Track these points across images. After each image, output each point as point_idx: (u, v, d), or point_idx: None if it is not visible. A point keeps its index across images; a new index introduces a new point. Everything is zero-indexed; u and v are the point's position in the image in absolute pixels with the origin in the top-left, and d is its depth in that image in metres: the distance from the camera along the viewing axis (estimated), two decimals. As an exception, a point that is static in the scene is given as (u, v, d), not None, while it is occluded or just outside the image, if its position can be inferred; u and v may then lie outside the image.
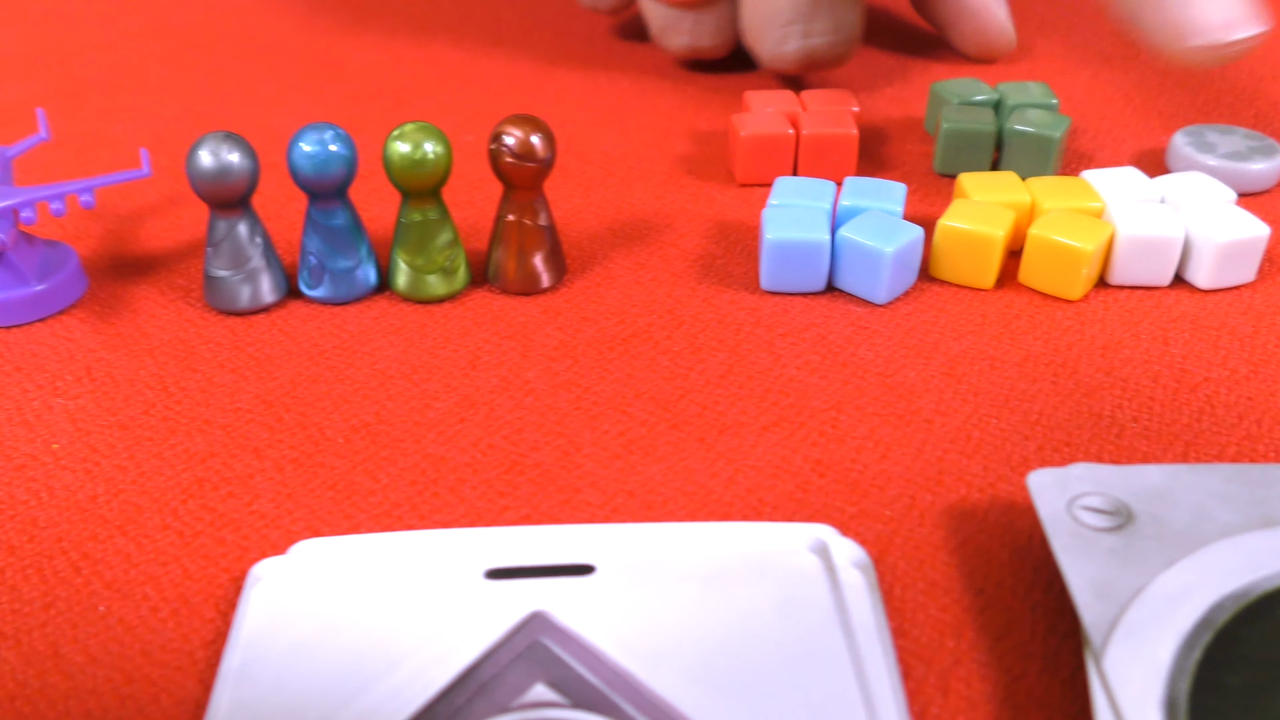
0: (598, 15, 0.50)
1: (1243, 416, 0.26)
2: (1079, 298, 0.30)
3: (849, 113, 0.36)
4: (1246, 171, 0.35)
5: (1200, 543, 0.21)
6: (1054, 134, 0.35)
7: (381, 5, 0.52)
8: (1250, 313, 0.30)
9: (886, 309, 0.30)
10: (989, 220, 0.30)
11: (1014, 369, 0.28)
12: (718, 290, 0.31)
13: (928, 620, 0.21)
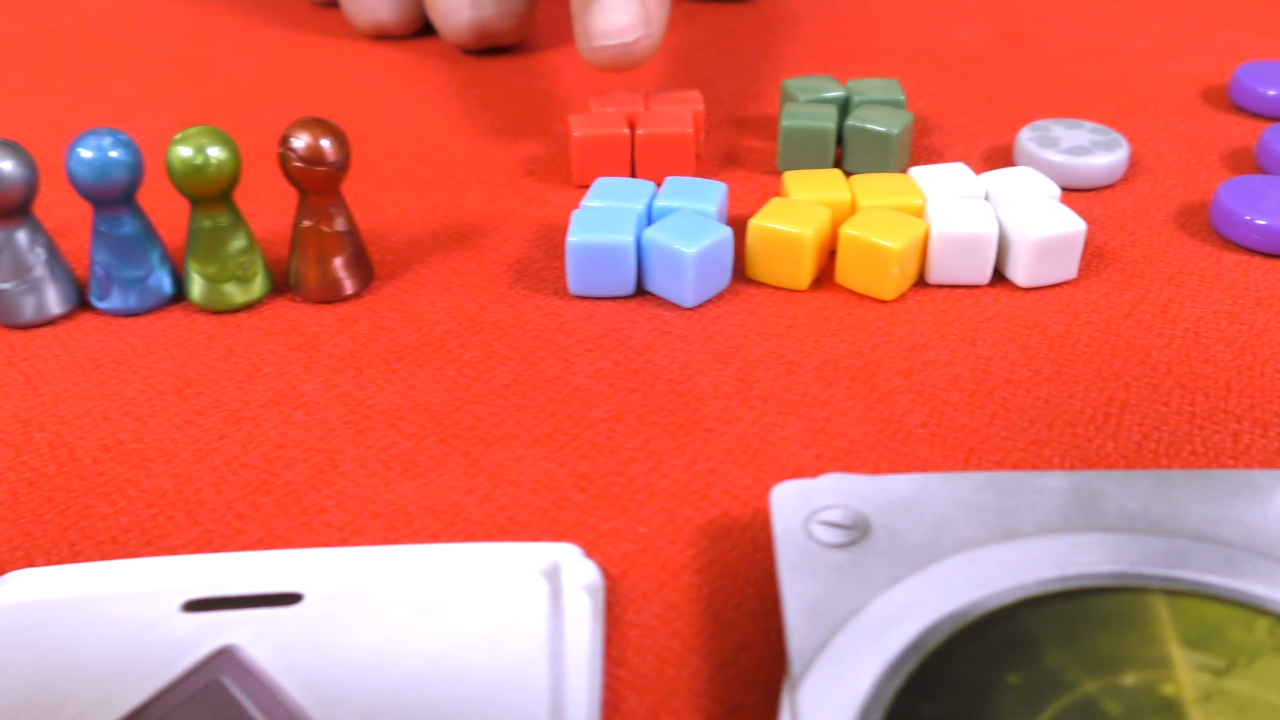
0: None
1: (1035, 420, 0.25)
2: (893, 298, 0.29)
3: (688, 113, 0.35)
4: (1088, 166, 0.34)
5: (933, 558, 0.20)
6: (892, 130, 0.34)
7: (258, 11, 0.51)
8: (1066, 311, 0.29)
9: (694, 312, 0.29)
10: (800, 219, 0.29)
11: (811, 373, 0.27)
12: (527, 296, 0.30)
13: (653, 647, 0.20)
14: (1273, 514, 0.20)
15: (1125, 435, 0.25)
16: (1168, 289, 0.30)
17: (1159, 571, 0.19)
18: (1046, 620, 0.18)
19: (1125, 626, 0.18)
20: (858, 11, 0.49)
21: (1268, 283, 0.30)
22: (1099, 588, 0.19)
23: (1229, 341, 0.28)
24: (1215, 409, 0.26)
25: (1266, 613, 0.19)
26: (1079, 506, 0.21)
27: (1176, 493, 0.21)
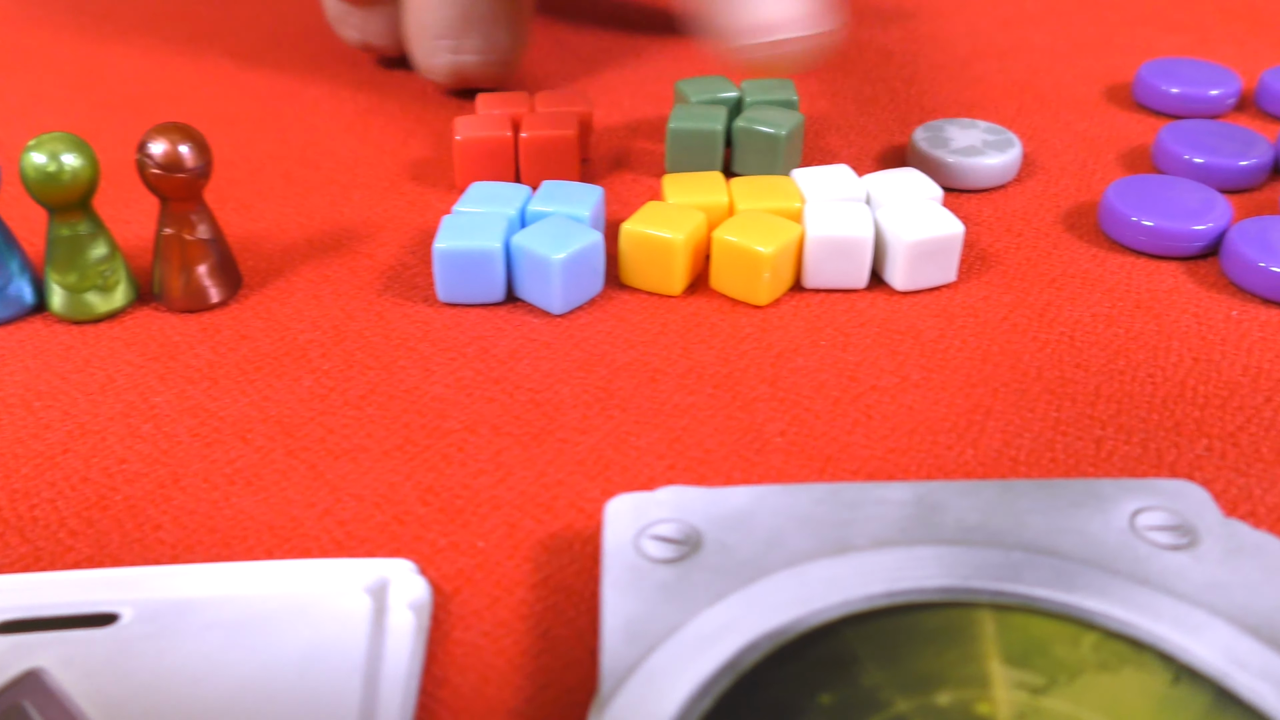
0: None
1: (896, 428, 0.25)
2: (767, 303, 0.29)
3: (574, 114, 0.34)
4: (979, 167, 0.33)
5: (761, 573, 0.19)
6: (779, 132, 0.33)
7: (148, 13, 0.50)
8: (942, 315, 0.28)
9: (564, 319, 0.28)
10: (672, 224, 0.29)
11: (674, 381, 0.26)
12: (396, 303, 0.29)
13: (477, 666, 0.20)
14: (1114, 525, 0.20)
15: (986, 443, 0.24)
16: (1048, 292, 0.29)
17: (990, 585, 0.19)
18: (868, 637, 0.18)
19: (948, 643, 0.18)
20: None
21: (1150, 285, 0.30)
22: (926, 603, 0.19)
23: (1103, 345, 0.27)
24: (1081, 415, 0.25)
25: (1094, 628, 0.18)
26: (918, 519, 0.20)
27: (1019, 504, 0.21)
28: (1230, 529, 0.20)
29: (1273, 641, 0.18)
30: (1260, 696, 0.17)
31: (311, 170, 0.36)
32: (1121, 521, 0.20)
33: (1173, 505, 0.20)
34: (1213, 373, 0.26)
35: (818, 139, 0.37)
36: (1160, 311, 0.29)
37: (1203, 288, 0.30)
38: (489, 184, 0.31)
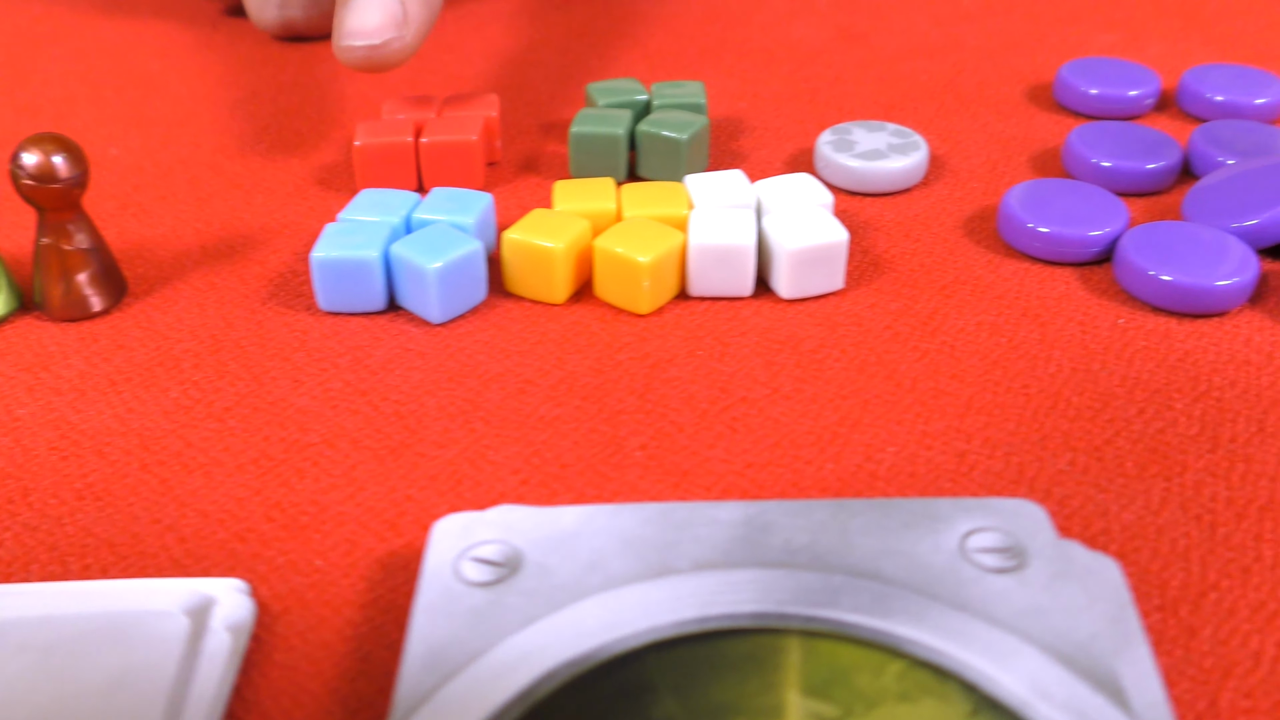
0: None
1: (759, 441, 0.24)
2: (648, 311, 0.28)
3: (478, 119, 0.34)
4: (882, 170, 0.33)
5: (576, 597, 0.19)
6: (681, 136, 0.33)
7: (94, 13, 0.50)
8: (825, 324, 0.28)
9: (443, 329, 0.28)
10: (553, 232, 0.28)
11: (544, 393, 0.26)
12: (279, 312, 0.29)
13: (291, 690, 0.19)
14: (944, 546, 0.20)
15: (849, 458, 0.24)
16: (937, 299, 0.29)
17: (804, 611, 0.19)
18: (670, 665, 0.18)
19: (749, 672, 0.18)
20: (703, 9, 0.48)
21: (1041, 292, 0.29)
22: (735, 629, 0.18)
23: (983, 355, 0.27)
24: (949, 428, 0.25)
25: (902, 656, 0.18)
26: (744, 540, 0.20)
27: (851, 524, 0.20)
28: (1063, 551, 0.20)
29: (1083, 670, 0.17)
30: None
31: (216, 175, 0.36)
32: (952, 543, 0.20)
33: (1007, 526, 0.20)
34: (1089, 383, 0.26)
35: (731, 141, 0.37)
36: (1047, 320, 0.28)
37: (1094, 295, 0.29)
38: (378, 191, 0.30)
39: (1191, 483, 0.23)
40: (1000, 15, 0.46)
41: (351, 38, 0.31)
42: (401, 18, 0.32)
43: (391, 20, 0.31)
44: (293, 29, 0.44)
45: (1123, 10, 0.47)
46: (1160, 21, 0.45)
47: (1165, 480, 0.23)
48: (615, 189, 0.30)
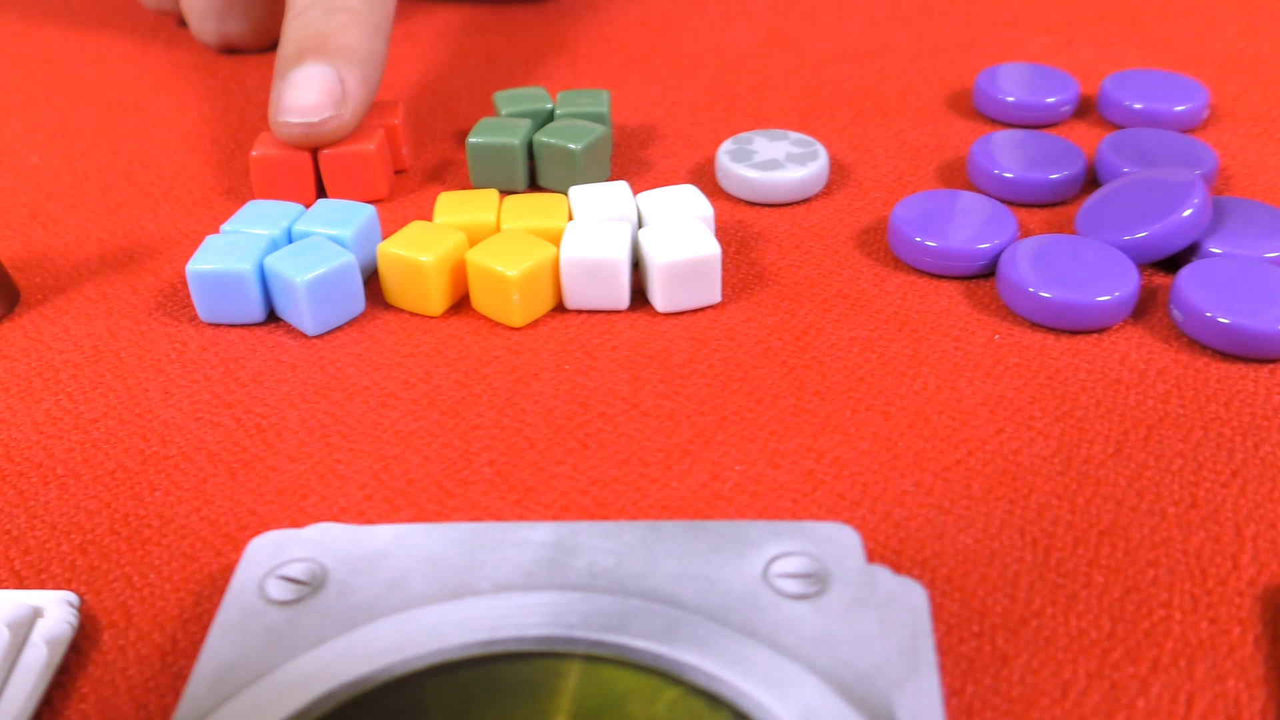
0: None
1: (608, 459, 0.24)
2: (521, 324, 0.28)
3: (379, 128, 0.34)
4: (779, 181, 0.33)
5: (372, 617, 0.19)
6: (575, 146, 0.33)
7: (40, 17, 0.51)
8: (697, 338, 0.28)
9: (319, 340, 0.28)
10: (426, 245, 0.28)
11: (406, 406, 0.26)
12: (164, 323, 0.29)
13: (101, 706, 0.20)
14: (747, 571, 0.20)
15: (695, 476, 0.24)
16: (815, 313, 0.29)
17: (592, 636, 0.19)
18: (447, 690, 0.18)
19: (524, 697, 0.18)
20: (638, 13, 0.47)
21: (921, 306, 0.29)
22: (519, 653, 0.18)
23: (852, 371, 0.27)
24: (801, 446, 0.25)
25: (680, 683, 0.18)
26: (549, 562, 0.20)
27: (659, 547, 0.20)
28: (870, 576, 0.20)
29: (860, 700, 0.17)
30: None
31: (129, 183, 0.36)
32: (756, 568, 0.20)
33: (816, 551, 0.20)
34: (953, 401, 0.26)
35: (640, 149, 0.37)
36: (923, 335, 0.28)
37: (976, 310, 0.29)
38: (263, 203, 0.30)
39: (1035, 505, 0.23)
40: (937, 18, 0.46)
41: (289, 114, 0.32)
42: (340, 95, 0.32)
43: (330, 98, 0.32)
44: (230, 44, 0.44)
45: (1059, 13, 0.46)
46: (1097, 25, 0.45)
47: (1009, 503, 0.23)
48: (498, 201, 0.31)
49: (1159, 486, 0.23)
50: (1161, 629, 0.20)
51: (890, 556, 0.22)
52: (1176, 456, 0.24)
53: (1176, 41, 0.43)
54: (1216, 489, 0.23)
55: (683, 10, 0.48)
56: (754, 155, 0.33)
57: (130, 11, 0.50)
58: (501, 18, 0.47)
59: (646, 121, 0.39)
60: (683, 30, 0.45)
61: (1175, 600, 0.21)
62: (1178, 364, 0.27)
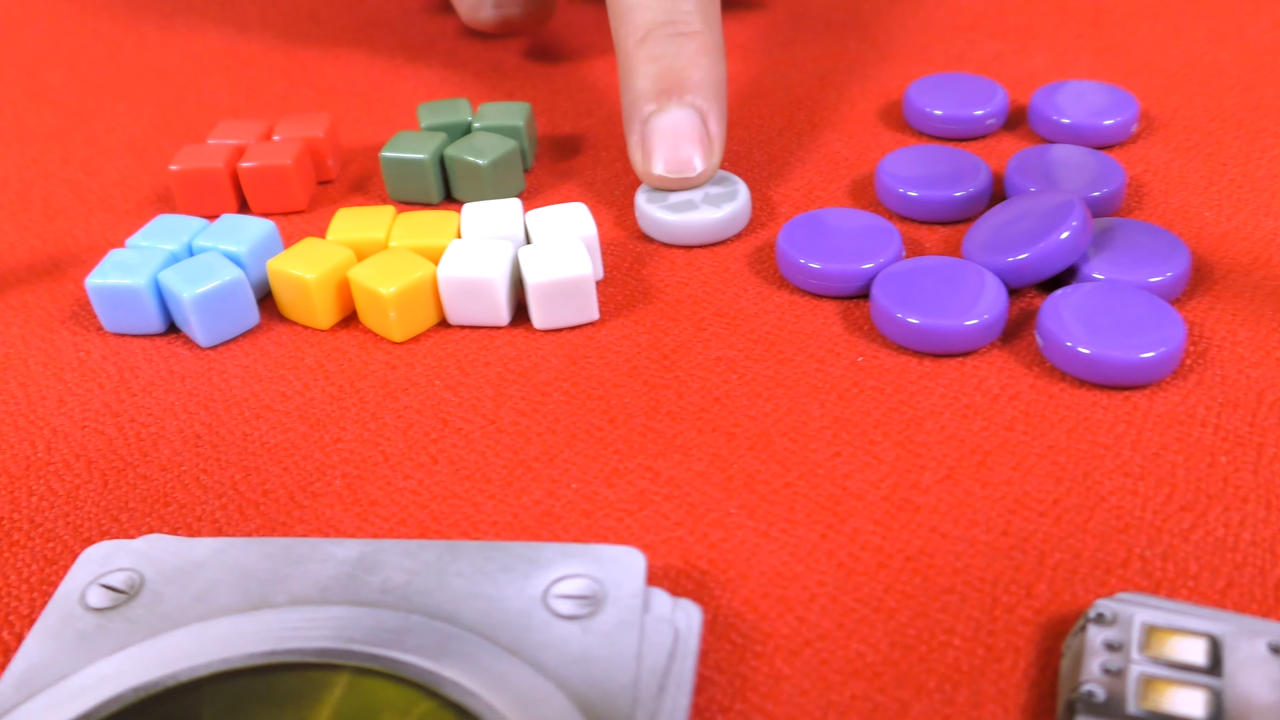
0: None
1: (455, 474, 0.26)
2: (401, 340, 0.30)
3: (299, 142, 0.35)
4: (694, 223, 0.32)
5: (174, 625, 0.20)
6: (482, 161, 0.34)
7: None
8: (568, 356, 0.29)
9: (213, 352, 0.30)
10: (312, 262, 0.30)
11: (275, 419, 0.27)
12: (75, 332, 0.31)
13: (-68, 697, 0.21)
14: (529, 592, 0.21)
15: (531, 494, 0.25)
16: (688, 333, 0.29)
17: (367, 649, 0.20)
18: (223, 696, 0.19)
19: (288, 706, 0.19)
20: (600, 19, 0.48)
21: (796, 327, 0.30)
22: (296, 664, 0.20)
23: (709, 391, 0.28)
24: (640, 466, 0.26)
25: (436, 697, 0.19)
26: (347, 578, 0.21)
27: (453, 565, 0.21)
28: (644, 599, 0.20)
29: (598, 719, 0.18)
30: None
31: (70, 191, 0.38)
32: (539, 589, 0.21)
33: (598, 573, 0.21)
34: (801, 424, 0.26)
35: (565, 159, 0.38)
36: (789, 357, 0.29)
37: (848, 331, 0.29)
38: (170, 217, 0.32)
39: (850, 530, 0.24)
40: (891, 22, 0.46)
41: (664, 168, 0.32)
42: (707, 141, 0.33)
43: (701, 147, 0.32)
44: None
45: (1017, 16, 0.46)
46: (1055, 30, 0.45)
47: (825, 526, 0.24)
48: (391, 218, 0.32)
49: (976, 513, 0.24)
50: (938, 655, 0.21)
51: (697, 577, 0.23)
52: (1003, 484, 0.25)
53: (1133, 47, 0.43)
54: (1033, 518, 0.24)
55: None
56: (672, 195, 0.34)
57: (107, 15, 0.52)
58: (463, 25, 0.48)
59: (577, 130, 0.39)
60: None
61: (959, 627, 0.22)
62: (1034, 390, 0.27)
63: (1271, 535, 0.23)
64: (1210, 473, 0.25)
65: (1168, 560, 0.23)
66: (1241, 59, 0.42)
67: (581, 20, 0.48)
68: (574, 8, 0.49)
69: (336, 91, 0.43)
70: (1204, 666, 0.19)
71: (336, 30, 0.48)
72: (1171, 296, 0.30)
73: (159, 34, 0.49)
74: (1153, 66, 0.42)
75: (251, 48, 0.47)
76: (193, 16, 0.51)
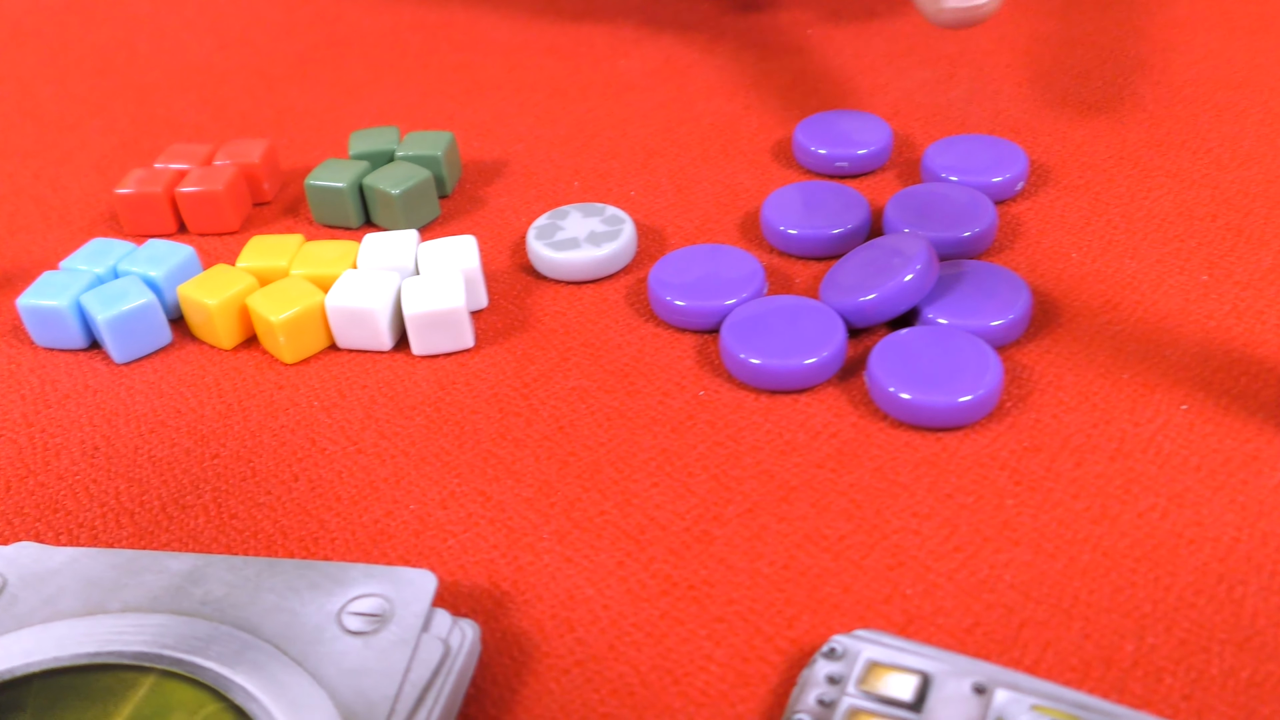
0: None
1: (311, 494, 0.28)
2: (292, 362, 0.32)
3: (233, 168, 0.38)
4: (575, 261, 0.34)
5: (20, 625, 0.24)
6: (394, 191, 0.36)
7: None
8: (437, 381, 0.31)
9: (124, 368, 0.33)
10: (215, 288, 0.33)
11: (162, 434, 0.30)
12: (13, 345, 0.34)
13: None
14: (327, 608, 0.23)
15: (371, 514, 0.28)
16: (552, 362, 0.32)
17: (175, 654, 0.23)
18: (46, 691, 0.22)
19: (97, 702, 0.22)
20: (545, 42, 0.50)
21: (652, 360, 0.32)
22: (115, 665, 0.23)
23: (553, 419, 0.30)
24: (473, 490, 0.28)
25: (223, 699, 0.22)
26: (175, 589, 0.24)
27: (268, 581, 0.24)
28: (429, 619, 0.23)
29: (358, 726, 0.21)
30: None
31: (36, 206, 0.41)
32: (336, 606, 0.23)
33: (391, 593, 0.24)
34: (631, 452, 0.29)
35: (485, 185, 0.40)
36: (639, 388, 0.31)
37: (698, 364, 0.32)
38: (102, 241, 0.35)
39: (648, 557, 0.26)
40: (829, 47, 0.47)
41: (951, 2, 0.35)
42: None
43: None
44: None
45: (950, 44, 0.47)
46: (986, 58, 0.46)
47: (625, 554, 0.26)
48: (297, 247, 0.34)
49: (765, 546, 0.26)
50: (691, 679, 0.23)
51: (498, 596, 0.25)
52: (798, 519, 0.27)
53: (1059, 75, 0.44)
54: (816, 552, 0.26)
55: (581, 38, 0.50)
56: (558, 233, 0.36)
57: (106, 27, 0.55)
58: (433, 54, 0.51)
59: (503, 157, 0.42)
60: (583, 59, 0.48)
61: (718, 654, 0.24)
62: (854, 429, 0.29)
63: (1030, 579, 0.25)
64: (993, 515, 0.26)
65: (926, 598, 0.25)
66: (1149, 98, 0.42)
67: (543, 43, 0.50)
68: (535, 38, 0.52)
69: (295, 112, 0.46)
70: (909, 702, 0.21)
71: (307, 48, 0.51)
72: (1011, 339, 0.31)
73: (148, 48, 0.53)
74: (1076, 99, 0.43)
75: (228, 64, 0.51)
76: (183, 31, 0.54)
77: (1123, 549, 0.25)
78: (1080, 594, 0.24)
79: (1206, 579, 0.24)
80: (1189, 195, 0.37)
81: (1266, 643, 0.23)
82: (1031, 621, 0.24)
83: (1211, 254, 0.34)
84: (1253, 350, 0.30)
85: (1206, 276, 0.33)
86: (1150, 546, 0.25)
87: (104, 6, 0.58)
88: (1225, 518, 0.26)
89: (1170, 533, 0.26)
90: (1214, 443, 0.28)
